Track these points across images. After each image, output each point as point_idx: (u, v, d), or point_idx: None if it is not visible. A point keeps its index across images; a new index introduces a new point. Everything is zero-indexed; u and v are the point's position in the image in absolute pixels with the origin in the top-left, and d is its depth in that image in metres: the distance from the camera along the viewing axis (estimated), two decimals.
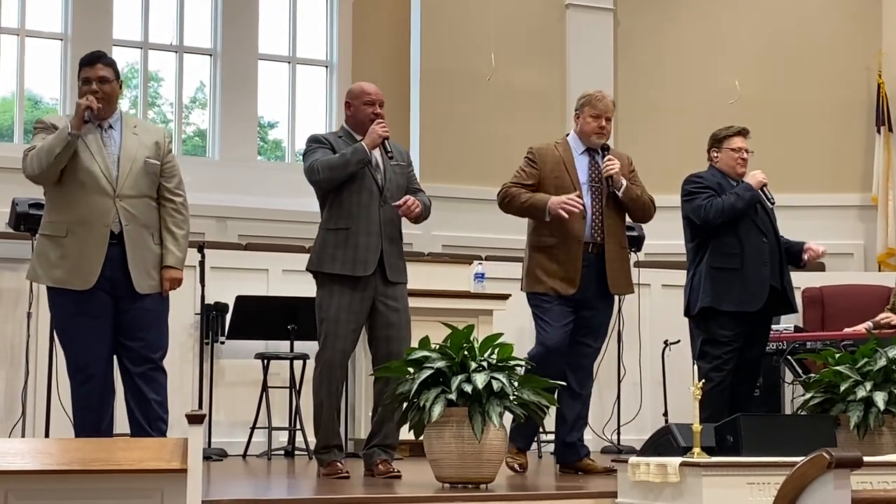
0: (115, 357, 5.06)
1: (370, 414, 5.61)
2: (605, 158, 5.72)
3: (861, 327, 6.71)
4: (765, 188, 6.07)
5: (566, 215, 5.57)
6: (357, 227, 5.37)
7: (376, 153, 5.44)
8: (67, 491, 3.47)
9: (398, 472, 5.29)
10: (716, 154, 6.17)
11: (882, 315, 6.84)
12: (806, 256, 6.17)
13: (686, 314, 6.12)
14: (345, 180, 5.36)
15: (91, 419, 4.97)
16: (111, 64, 5.12)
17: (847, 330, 6.84)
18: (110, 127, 5.07)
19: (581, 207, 5.60)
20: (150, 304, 5.04)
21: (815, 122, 10.90)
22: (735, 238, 5.99)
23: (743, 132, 6.20)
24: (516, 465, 5.66)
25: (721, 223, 5.96)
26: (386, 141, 5.44)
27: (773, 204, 6.12)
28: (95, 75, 5.04)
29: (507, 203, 5.78)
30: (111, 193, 4.95)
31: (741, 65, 10.97)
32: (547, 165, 5.75)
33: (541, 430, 6.60)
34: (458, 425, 4.74)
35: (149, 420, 4.98)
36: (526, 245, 5.86)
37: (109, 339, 4.99)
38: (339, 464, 5.34)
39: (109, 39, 10.38)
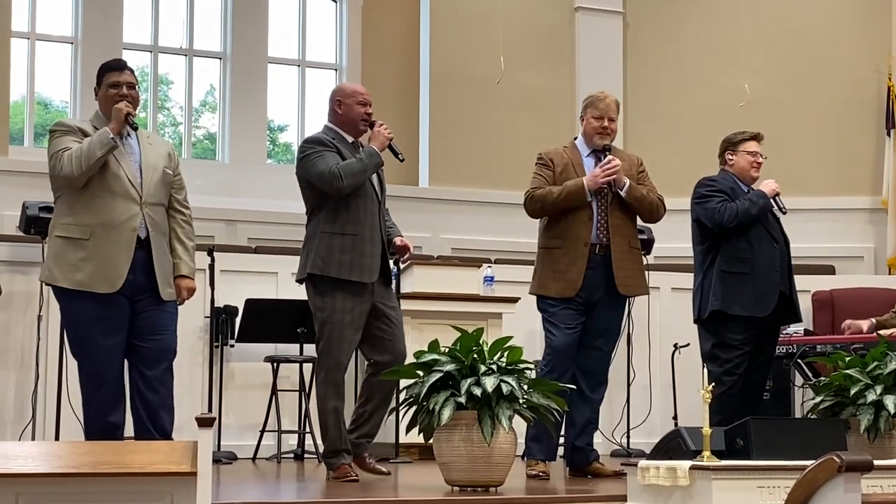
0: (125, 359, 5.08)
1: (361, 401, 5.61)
2: (605, 158, 5.72)
3: (864, 325, 6.71)
4: (777, 197, 6.07)
5: (612, 178, 5.59)
6: (363, 233, 5.39)
7: None
8: (77, 494, 3.47)
9: (388, 471, 5.53)
10: (731, 157, 6.16)
11: (887, 316, 6.84)
12: None
13: (696, 320, 6.10)
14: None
15: (103, 423, 4.97)
16: (134, 73, 5.22)
17: (850, 322, 6.82)
18: (128, 135, 5.09)
19: (618, 165, 5.63)
20: (168, 307, 5.09)
21: (824, 124, 10.87)
22: (746, 242, 5.98)
23: (758, 137, 6.20)
24: (538, 472, 5.58)
25: (732, 228, 5.96)
26: (392, 142, 5.47)
27: (784, 213, 6.12)
28: (125, 80, 5.10)
29: (540, 205, 5.69)
30: (138, 199, 4.98)
31: (750, 67, 10.94)
32: (556, 168, 5.75)
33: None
34: (467, 428, 4.75)
35: (155, 423, 4.98)
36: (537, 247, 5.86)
37: (124, 343, 5.00)
38: (348, 467, 5.35)
39: (119, 43, 10.37)
